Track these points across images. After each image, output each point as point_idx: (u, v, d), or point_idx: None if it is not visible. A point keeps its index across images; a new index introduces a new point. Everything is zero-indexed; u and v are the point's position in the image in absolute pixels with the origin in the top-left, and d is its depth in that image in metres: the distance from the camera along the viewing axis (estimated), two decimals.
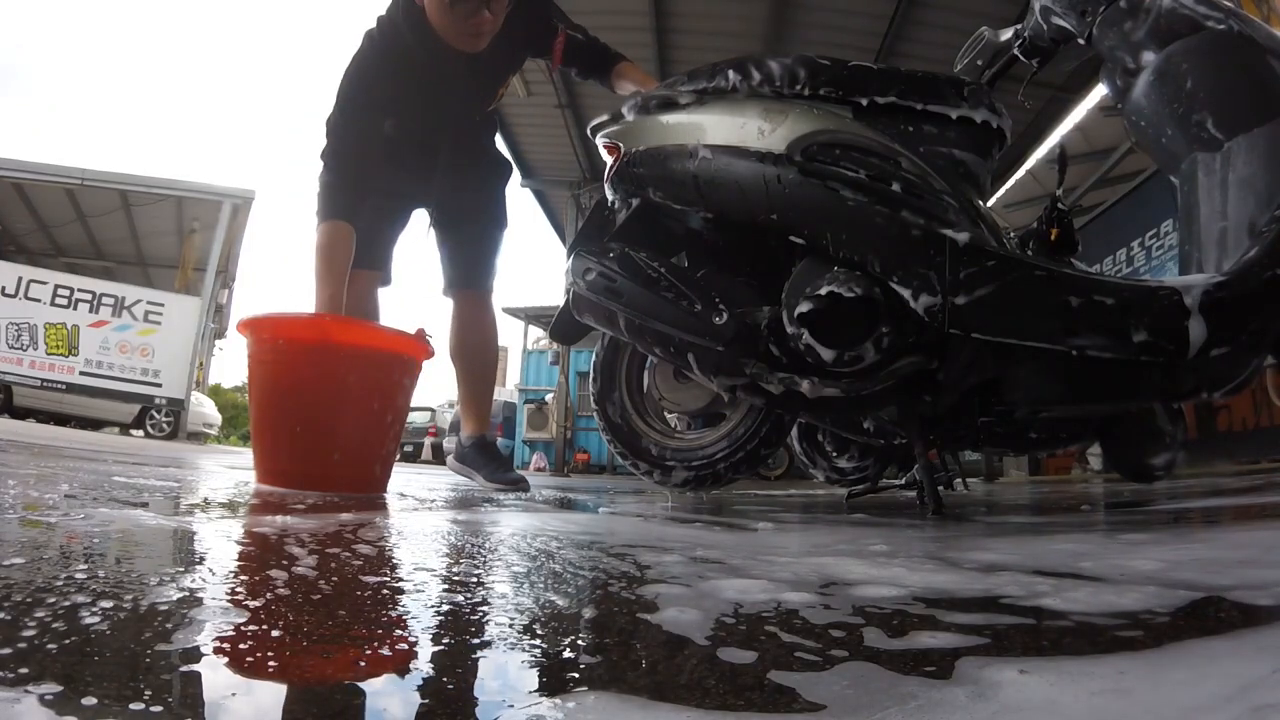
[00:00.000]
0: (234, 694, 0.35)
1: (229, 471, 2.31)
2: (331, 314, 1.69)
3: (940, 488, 2.01)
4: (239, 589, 0.55)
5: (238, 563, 0.68)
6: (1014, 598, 0.60)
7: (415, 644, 0.46)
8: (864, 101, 1.39)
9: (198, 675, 0.37)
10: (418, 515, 1.31)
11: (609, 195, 1.66)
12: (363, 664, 0.41)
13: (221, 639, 0.42)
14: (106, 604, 0.46)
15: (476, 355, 2.21)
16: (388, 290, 2.20)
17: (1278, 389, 4.33)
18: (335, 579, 0.61)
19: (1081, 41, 1.58)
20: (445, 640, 0.47)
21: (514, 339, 13.62)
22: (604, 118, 1.63)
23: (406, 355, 1.71)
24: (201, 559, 0.68)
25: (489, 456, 2.18)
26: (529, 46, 2.10)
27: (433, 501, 1.63)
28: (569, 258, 1.65)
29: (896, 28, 5.57)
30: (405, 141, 2.03)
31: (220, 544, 0.78)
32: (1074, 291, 1.24)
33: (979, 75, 1.86)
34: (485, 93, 2.13)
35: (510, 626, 0.49)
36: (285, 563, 0.66)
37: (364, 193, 1.86)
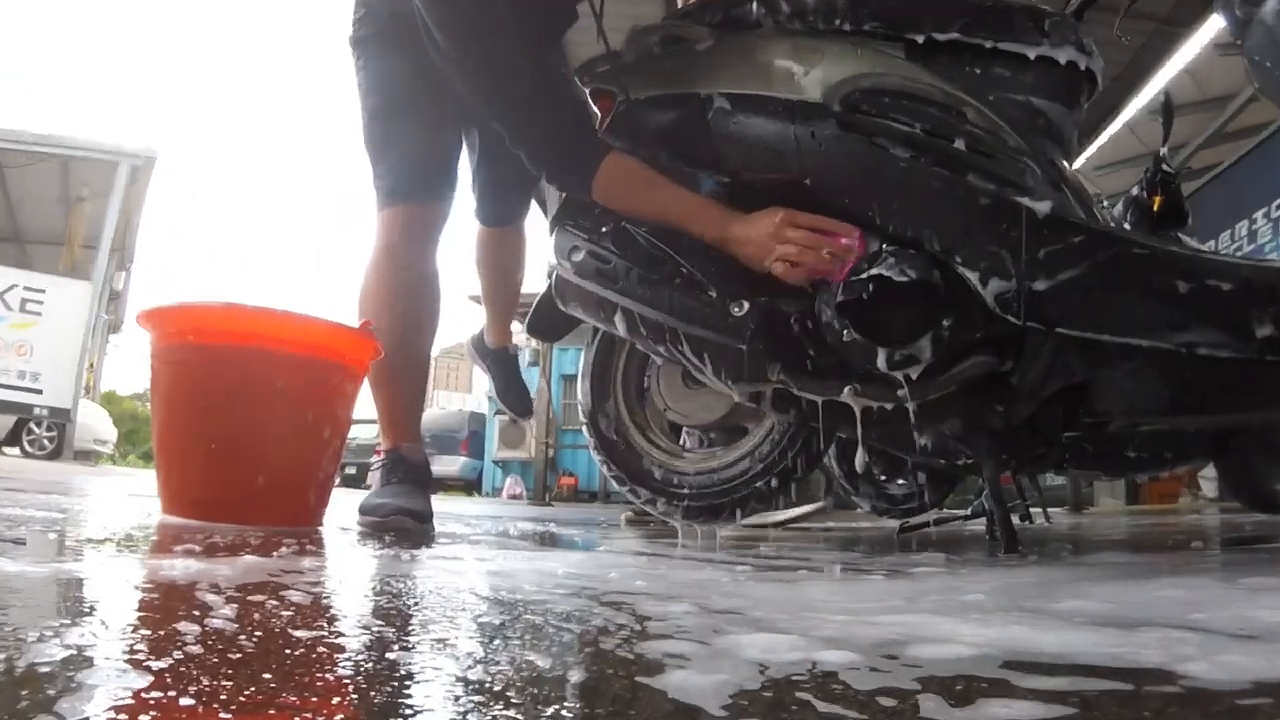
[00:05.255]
0: None
1: (127, 500, 2.31)
2: (254, 305, 1.69)
3: (1015, 519, 2.01)
4: (139, 646, 0.55)
5: (138, 614, 0.68)
6: (1108, 656, 0.60)
7: (359, 716, 0.46)
8: (920, 38, 1.39)
9: None
10: (363, 554, 1.31)
11: None
12: None
13: (118, 708, 0.42)
14: None
15: (513, 275, 2.57)
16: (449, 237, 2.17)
17: None
18: (259, 634, 0.61)
19: None
20: (397, 712, 0.47)
21: None
22: (595, 57, 1.63)
23: (349, 354, 1.71)
24: (93, 609, 0.68)
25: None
26: None
27: (382, 537, 1.63)
28: (551, 233, 1.65)
29: None
30: None
31: (116, 590, 0.78)
32: (1183, 274, 1.24)
33: (1063, 4, 1.86)
34: None
35: (478, 693, 0.49)
36: (197, 614, 0.66)
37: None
